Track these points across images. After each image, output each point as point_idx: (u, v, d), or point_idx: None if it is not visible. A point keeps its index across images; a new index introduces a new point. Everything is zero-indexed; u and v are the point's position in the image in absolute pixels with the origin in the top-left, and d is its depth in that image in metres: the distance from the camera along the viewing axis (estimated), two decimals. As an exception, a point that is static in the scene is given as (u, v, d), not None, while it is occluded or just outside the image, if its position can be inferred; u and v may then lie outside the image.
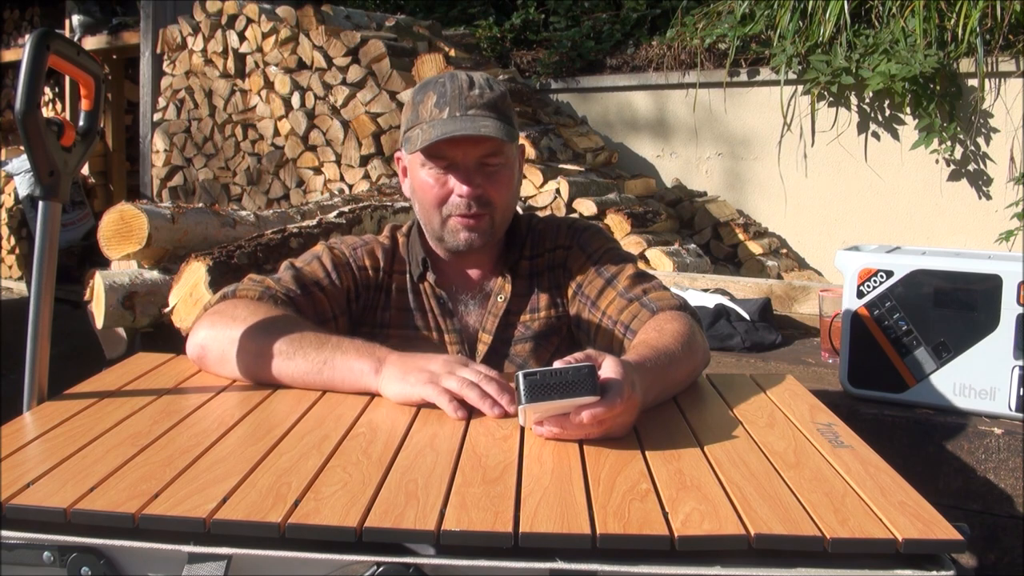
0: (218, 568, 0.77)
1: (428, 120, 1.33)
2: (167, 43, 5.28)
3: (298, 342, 1.20)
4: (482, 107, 1.33)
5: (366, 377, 1.16)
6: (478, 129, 1.30)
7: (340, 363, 1.17)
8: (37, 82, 1.07)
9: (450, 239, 1.39)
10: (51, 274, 1.15)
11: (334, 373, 1.17)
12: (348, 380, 1.17)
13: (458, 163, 1.34)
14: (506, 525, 0.78)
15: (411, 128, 1.36)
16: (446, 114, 1.32)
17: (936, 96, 3.64)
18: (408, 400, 1.13)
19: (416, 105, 1.36)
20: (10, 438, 0.99)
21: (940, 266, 1.72)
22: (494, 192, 1.36)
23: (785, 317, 2.70)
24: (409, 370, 1.13)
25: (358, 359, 1.17)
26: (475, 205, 1.35)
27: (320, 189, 4.50)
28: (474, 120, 1.31)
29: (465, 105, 1.32)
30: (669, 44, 4.51)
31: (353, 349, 1.19)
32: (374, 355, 1.17)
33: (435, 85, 1.35)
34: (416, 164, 1.38)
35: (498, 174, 1.37)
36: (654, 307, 1.35)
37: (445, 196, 1.36)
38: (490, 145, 1.34)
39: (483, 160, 1.35)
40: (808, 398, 1.24)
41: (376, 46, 4.37)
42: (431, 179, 1.36)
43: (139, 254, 2.68)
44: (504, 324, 1.44)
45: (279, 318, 1.26)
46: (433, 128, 1.32)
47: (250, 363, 1.21)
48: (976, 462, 1.73)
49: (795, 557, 0.78)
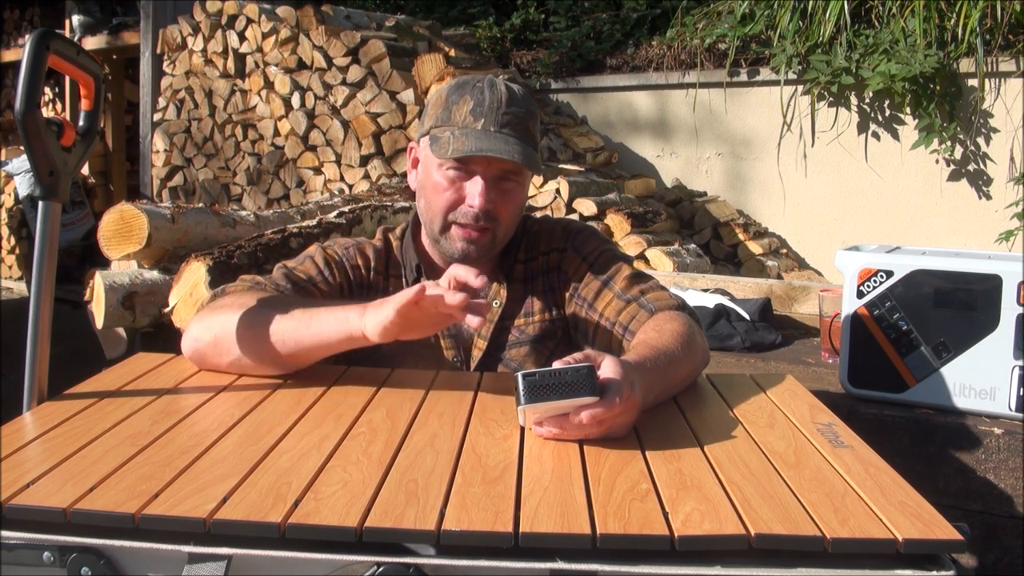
0: (218, 568, 0.77)
1: (461, 126, 1.33)
2: (167, 43, 5.28)
3: (286, 307, 1.22)
4: (516, 127, 1.33)
5: (351, 320, 1.16)
6: (512, 154, 1.31)
7: (326, 314, 1.18)
8: (37, 82, 1.07)
9: (447, 246, 1.39)
10: (51, 274, 1.15)
11: (321, 324, 1.18)
12: (335, 327, 1.17)
13: (477, 174, 1.34)
14: (506, 525, 0.78)
15: (440, 127, 1.36)
16: (480, 125, 1.32)
17: (936, 96, 3.64)
18: (384, 323, 1.11)
19: (450, 105, 1.35)
20: (10, 438, 0.99)
21: (940, 266, 1.72)
22: (503, 210, 1.37)
23: (785, 317, 2.70)
24: (383, 303, 1.14)
25: (343, 309, 1.18)
26: (483, 219, 1.35)
27: (320, 189, 4.51)
28: (507, 140, 1.32)
29: (500, 121, 1.33)
30: (669, 44, 4.51)
31: (339, 304, 1.21)
32: (359, 304, 1.18)
33: (473, 90, 1.35)
34: (433, 161, 1.37)
35: (511, 193, 1.37)
36: (652, 307, 1.35)
37: (456, 202, 1.36)
38: (513, 166, 1.34)
39: (502, 176, 1.35)
40: (808, 398, 1.24)
41: (376, 46, 4.37)
42: (445, 181, 1.35)
43: (139, 254, 2.68)
44: (499, 329, 1.44)
45: (266, 296, 1.28)
46: (466, 137, 1.31)
47: (245, 338, 1.21)
48: (976, 462, 1.73)
49: (795, 557, 0.78)
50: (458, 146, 1.31)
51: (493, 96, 1.34)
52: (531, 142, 1.35)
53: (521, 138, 1.33)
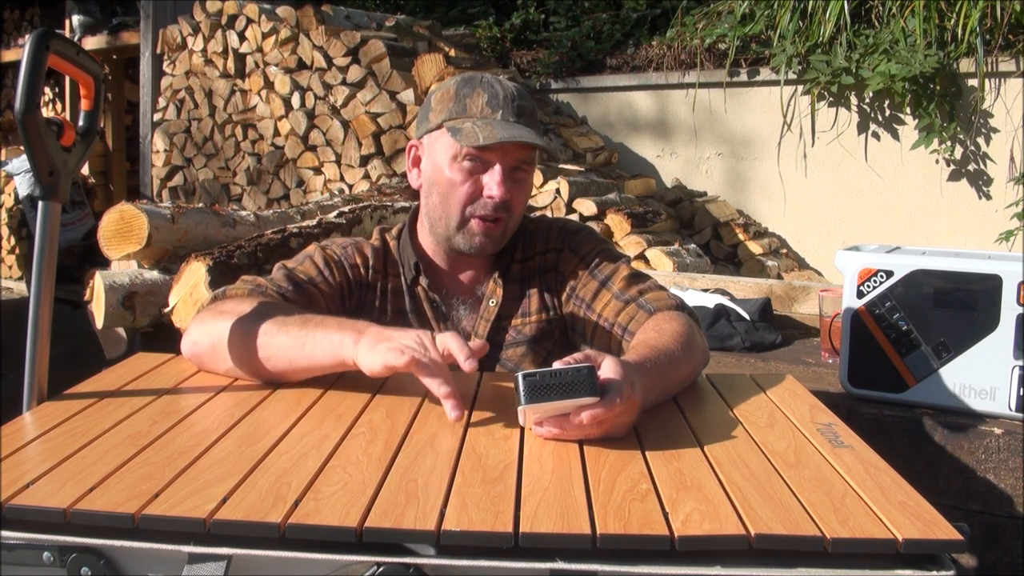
0: (218, 568, 0.77)
1: (480, 116, 1.35)
2: (167, 43, 5.28)
3: (283, 322, 1.19)
4: (528, 118, 1.38)
5: (345, 348, 1.14)
6: (534, 138, 1.34)
7: (322, 336, 1.16)
8: (37, 82, 1.07)
9: (464, 241, 1.39)
10: (51, 274, 1.15)
11: (315, 347, 1.16)
12: (328, 352, 1.15)
13: (495, 165, 1.35)
14: (506, 525, 0.78)
15: (457, 119, 1.36)
16: (499, 116, 1.34)
17: (936, 96, 3.64)
18: (373, 369, 1.09)
19: (463, 98, 1.37)
20: (10, 438, 0.99)
21: (940, 266, 1.72)
22: (516, 200, 1.38)
23: (785, 317, 2.70)
24: (382, 339, 1.11)
25: (339, 331, 1.16)
26: (500, 208, 1.36)
27: (320, 189, 4.51)
28: (523, 129, 1.35)
29: (516, 112, 1.36)
30: (669, 44, 4.51)
31: (335, 324, 1.18)
32: (355, 328, 1.16)
33: (483, 84, 1.38)
34: (446, 155, 1.36)
35: (523, 183, 1.40)
36: (651, 308, 1.35)
37: (474, 194, 1.36)
38: (527, 153, 1.37)
39: (516, 166, 1.37)
40: (808, 398, 1.24)
41: (376, 46, 4.37)
42: (462, 175, 1.36)
43: (139, 254, 2.68)
44: (496, 328, 1.44)
45: (266, 304, 1.27)
46: (491, 126, 1.33)
47: (239, 348, 1.21)
48: (976, 462, 1.73)
49: (795, 557, 0.78)
50: (488, 134, 1.32)
51: (505, 90, 1.37)
52: (540, 130, 1.39)
53: (533, 125, 1.37)
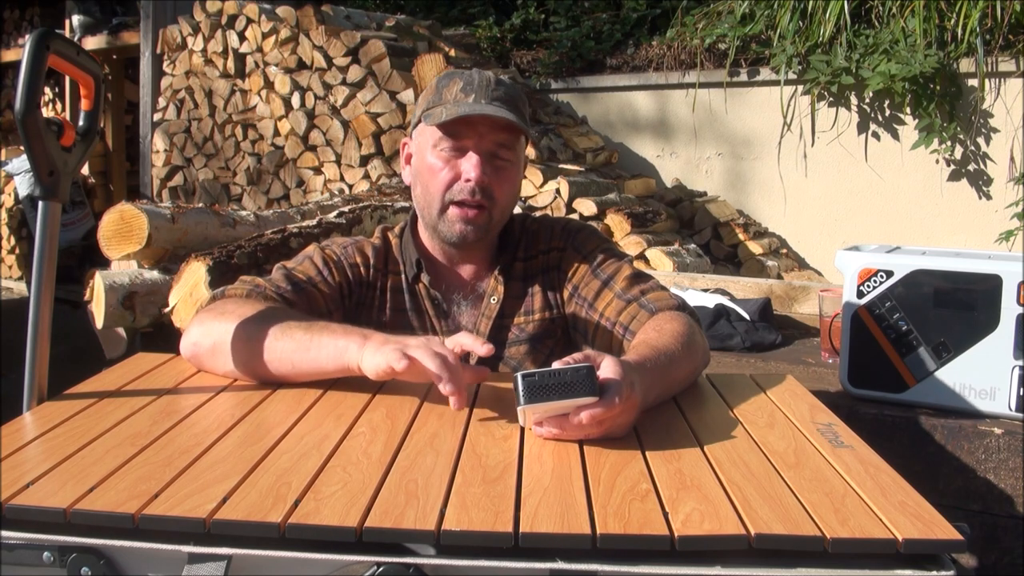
0: (218, 568, 0.77)
1: (453, 101, 1.36)
2: (167, 43, 5.28)
3: (286, 325, 1.20)
4: (506, 102, 1.36)
5: (350, 352, 1.14)
6: (503, 115, 1.33)
7: (327, 341, 1.16)
8: (37, 82, 1.07)
9: (445, 229, 1.39)
10: (51, 274, 1.15)
11: (320, 351, 1.16)
12: (333, 356, 1.15)
13: (471, 148, 1.35)
14: (506, 525, 0.78)
15: (433, 107, 1.38)
16: (472, 99, 1.35)
17: (936, 96, 3.64)
18: (378, 371, 1.09)
19: (440, 89, 1.39)
20: (10, 438, 0.99)
21: (940, 266, 1.72)
22: (498, 187, 1.37)
23: (785, 317, 2.70)
24: (388, 342, 1.11)
25: (344, 337, 1.16)
26: (479, 194, 1.36)
27: (320, 189, 4.50)
28: (497, 109, 1.34)
29: (491, 96, 1.36)
30: (669, 44, 4.51)
31: (341, 329, 1.18)
32: (360, 333, 1.16)
33: (462, 75, 1.39)
34: (427, 145, 1.38)
35: (505, 170, 1.38)
36: (652, 307, 1.35)
37: (452, 180, 1.37)
38: (505, 136, 1.36)
39: (495, 151, 1.37)
40: (808, 398, 1.24)
41: (376, 46, 4.36)
42: (440, 161, 1.37)
43: (139, 254, 2.68)
44: (498, 326, 1.44)
45: (269, 308, 1.27)
46: (458, 107, 1.34)
47: (241, 350, 1.21)
48: (976, 462, 1.73)
49: (795, 557, 0.78)
50: (451, 113, 1.33)
51: (481, 78, 1.38)
52: (520, 115, 1.37)
53: (512, 110, 1.36)
